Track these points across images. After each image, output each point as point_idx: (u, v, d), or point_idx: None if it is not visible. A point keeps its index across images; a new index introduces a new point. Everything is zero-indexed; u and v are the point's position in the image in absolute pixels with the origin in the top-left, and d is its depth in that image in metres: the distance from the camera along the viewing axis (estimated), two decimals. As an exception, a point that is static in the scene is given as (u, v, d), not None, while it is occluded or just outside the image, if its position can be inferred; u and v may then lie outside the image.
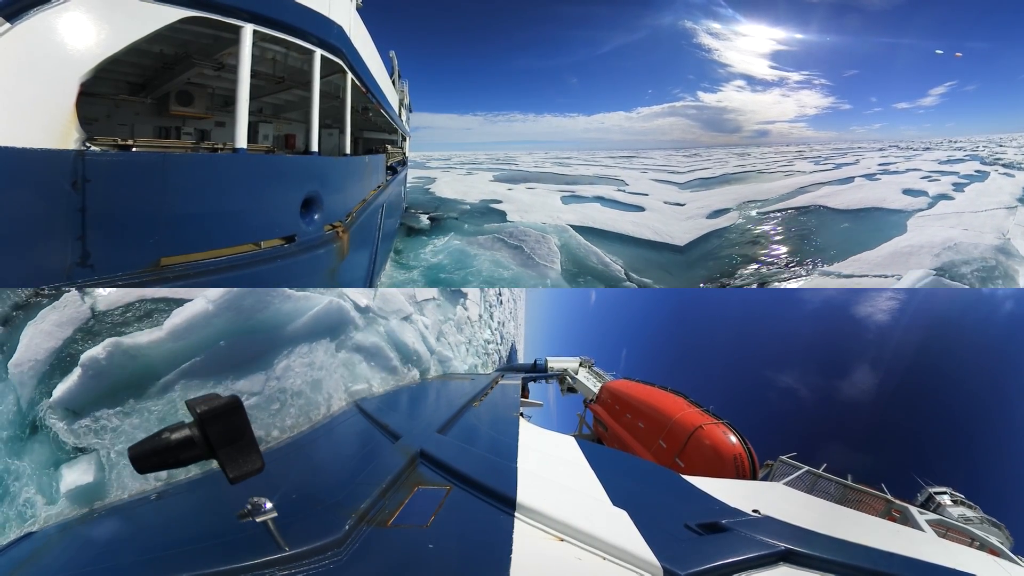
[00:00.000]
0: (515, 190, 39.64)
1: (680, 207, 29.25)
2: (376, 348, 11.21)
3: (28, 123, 3.28)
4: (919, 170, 40.11)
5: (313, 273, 6.54)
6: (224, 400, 2.23)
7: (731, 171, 46.63)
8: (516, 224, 25.21)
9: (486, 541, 2.90)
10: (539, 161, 78.84)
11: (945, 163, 45.28)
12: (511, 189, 40.35)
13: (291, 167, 6.20)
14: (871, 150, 69.46)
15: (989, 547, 6.17)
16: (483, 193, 37.35)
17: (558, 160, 79.67)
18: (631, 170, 52.02)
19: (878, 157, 55.36)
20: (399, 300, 13.69)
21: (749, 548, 3.06)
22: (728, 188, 35.39)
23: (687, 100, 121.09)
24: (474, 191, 38.63)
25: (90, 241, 3.55)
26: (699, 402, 10.76)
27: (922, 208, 25.11)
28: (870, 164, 47.00)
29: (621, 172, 50.36)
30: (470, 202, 33.79)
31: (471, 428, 6.43)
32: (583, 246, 21.77)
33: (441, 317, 18.86)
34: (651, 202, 31.30)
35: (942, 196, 27.85)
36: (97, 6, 3.72)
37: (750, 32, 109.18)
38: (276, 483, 3.74)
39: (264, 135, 12.23)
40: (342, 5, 7.80)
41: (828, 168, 45.84)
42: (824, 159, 55.79)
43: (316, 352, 9.22)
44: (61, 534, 4.02)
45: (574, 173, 53.19)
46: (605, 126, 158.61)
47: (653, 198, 32.70)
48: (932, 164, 44.83)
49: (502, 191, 38.82)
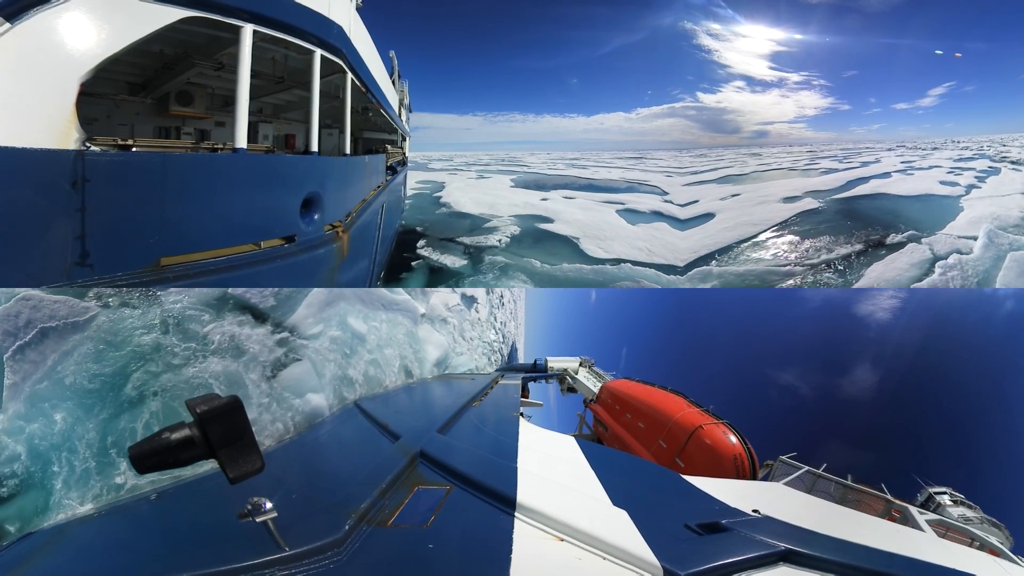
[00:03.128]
0: (552, 200, 32.94)
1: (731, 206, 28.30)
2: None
3: (28, 123, 3.28)
4: (940, 167, 42.84)
5: (313, 273, 6.55)
6: (224, 400, 2.23)
7: (756, 169, 47.71)
8: (611, 263, 18.25)
9: (486, 541, 2.90)
10: (547, 162, 74.91)
11: (960, 160, 47.48)
12: (546, 199, 33.38)
13: (291, 167, 6.20)
14: (880, 150, 70.48)
15: (989, 547, 6.17)
16: (515, 205, 30.49)
17: (567, 161, 76.10)
18: (651, 172, 48.26)
19: (894, 156, 57.48)
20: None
21: (749, 548, 3.06)
22: (776, 183, 36.58)
23: (687, 101, 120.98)
24: (501, 202, 32.03)
25: (90, 241, 3.55)
26: (699, 402, 10.76)
27: (962, 194, 29.57)
28: (893, 162, 48.54)
29: (645, 176, 46.01)
30: (505, 218, 27.06)
31: (471, 428, 6.43)
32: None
33: (461, 319, 23.96)
34: (705, 208, 28.67)
35: (972, 186, 32.08)
36: (97, 6, 3.73)
37: (750, 33, 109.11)
38: (276, 483, 3.74)
39: (264, 135, 12.23)
40: (342, 5, 7.80)
41: (855, 166, 47.15)
42: (844, 158, 56.86)
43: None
44: (61, 534, 4.02)
45: (599, 177, 47.98)
46: (605, 127, 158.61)
47: (707, 204, 29.97)
48: (949, 162, 46.77)
49: (536, 201, 32.18)
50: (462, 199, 33.30)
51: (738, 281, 17.73)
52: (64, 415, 7.71)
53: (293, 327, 11.28)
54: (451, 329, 21.49)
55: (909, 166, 44.65)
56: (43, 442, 7.38)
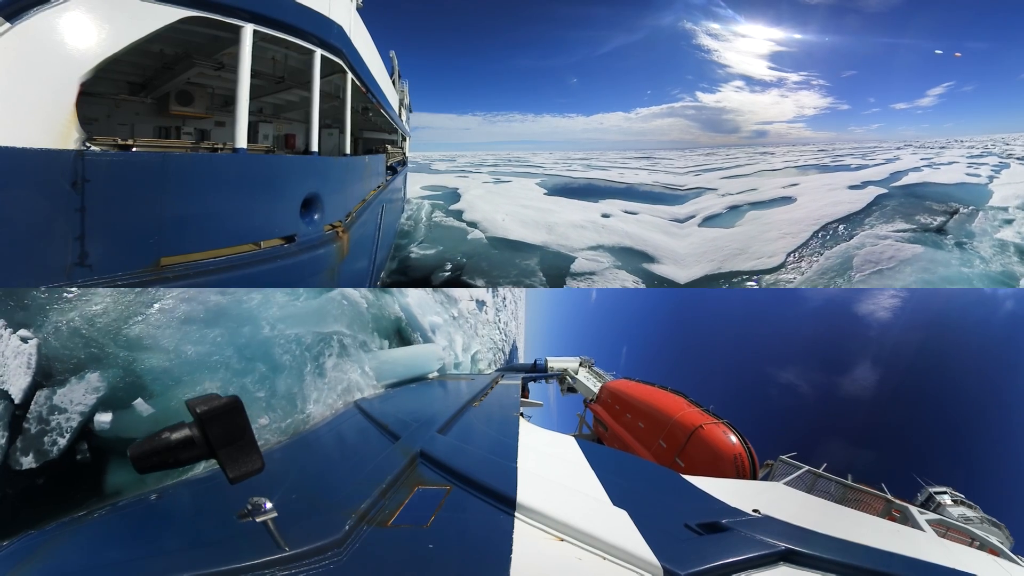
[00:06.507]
0: (616, 217, 25.20)
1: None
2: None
3: (28, 123, 3.27)
4: (958, 163, 44.88)
5: (313, 273, 6.54)
6: (224, 400, 2.23)
7: (787, 165, 49.80)
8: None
9: (486, 541, 2.90)
10: (557, 162, 70.13)
11: (972, 157, 49.81)
12: (608, 215, 25.45)
13: (291, 167, 6.19)
14: (889, 149, 71.83)
15: (989, 547, 6.17)
16: (580, 227, 22.43)
17: (577, 161, 72.18)
18: (675, 173, 44.50)
19: (909, 153, 60.09)
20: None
21: (749, 548, 3.06)
22: (826, 177, 37.94)
23: (686, 101, 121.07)
24: (557, 220, 23.65)
25: (89, 241, 3.55)
26: (699, 402, 10.76)
27: (988, 183, 31.92)
28: (913, 160, 50.17)
29: (674, 177, 41.34)
30: (583, 251, 19.25)
31: (471, 428, 6.43)
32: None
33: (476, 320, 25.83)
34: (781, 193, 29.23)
35: (992, 177, 34.42)
36: (97, 6, 3.72)
37: (749, 32, 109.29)
38: (276, 483, 3.74)
39: (264, 135, 12.23)
40: (342, 5, 7.80)
41: (880, 162, 48.68)
42: (864, 156, 58.73)
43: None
44: (61, 534, 4.02)
45: (627, 180, 42.62)
46: (604, 126, 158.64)
47: (771, 192, 30.03)
48: (963, 159, 48.74)
49: (597, 218, 24.42)
50: (494, 216, 25.34)
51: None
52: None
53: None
54: (467, 329, 23.19)
55: (929, 163, 46.26)
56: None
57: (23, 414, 6.19)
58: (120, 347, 7.25)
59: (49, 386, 6.49)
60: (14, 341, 6.46)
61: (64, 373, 6.68)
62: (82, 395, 6.55)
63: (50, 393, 6.41)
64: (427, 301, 16.89)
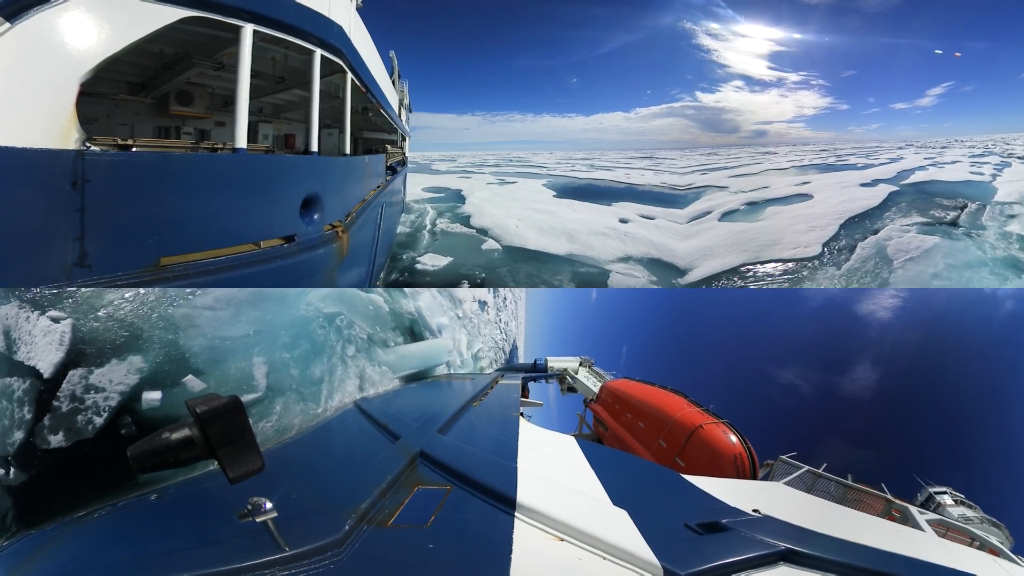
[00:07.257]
0: (635, 222, 23.81)
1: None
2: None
3: (28, 123, 3.27)
4: (961, 162, 45.48)
5: (313, 273, 6.54)
6: (224, 400, 2.23)
7: (792, 164, 50.17)
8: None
9: (486, 541, 2.90)
10: (559, 162, 68.78)
11: (974, 157, 50.18)
12: (627, 221, 23.86)
13: (291, 167, 6.19)
14: (890, 149, 71.83)
15: (989, 547, 6.17)
16: (602, 234, 21.17)
17: (580, 161, 70.54)
18: (679, 173, 43.63)
19: (912, 152, 60.52)
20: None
21: (749, 548, 3.06)
22: (835, 175, 38.49)
23: (685, 100, 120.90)
24: (578, 227, 22.17)
25: (89, 241, 3.54)
26: (699, 401, 10.75)
27: (992, 181, 32.86)
28: (917, 159, 50.51)
29: (675, 177, 40.47)
30: (612, 262, 18.00)
31: (471, 428, 6.43)
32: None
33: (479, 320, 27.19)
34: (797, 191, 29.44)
35: (996, 175, 35.35)
36: (97, 6, 3.72)
37: (749, 32, 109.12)
38: (276, 483, 3.74)
39: (264, 135, 12.23)
40: (342, 5, 7.80)
41: (885, 161, 49.12)
42: (868, 155, 58.81)
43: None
44: (61, 534, 4.02)
45: (636, 181, 40.96)
46: (604, 126, 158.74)
47: (786, 189, 30.51)
48: (965, 158, 49.18)
49: (615, 223, 23.11)
50: (506, 222, 23.76)
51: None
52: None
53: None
54: (471, 329, 24.37)
55: (933, 162, 46.75)
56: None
57: (51, 394, 6.10)
58: (162, 330, 7.35)
59: (85, 366, 6.46)
60: (43, 321, 6.44)
61: (103, 356, 6.67)
62: (123, 375, 6.53)
63: (86, 372, 6.37)
64: (435, 304, 17.49)
